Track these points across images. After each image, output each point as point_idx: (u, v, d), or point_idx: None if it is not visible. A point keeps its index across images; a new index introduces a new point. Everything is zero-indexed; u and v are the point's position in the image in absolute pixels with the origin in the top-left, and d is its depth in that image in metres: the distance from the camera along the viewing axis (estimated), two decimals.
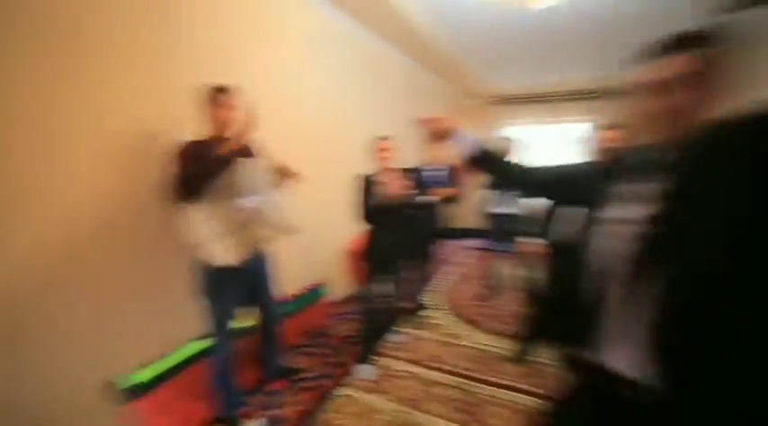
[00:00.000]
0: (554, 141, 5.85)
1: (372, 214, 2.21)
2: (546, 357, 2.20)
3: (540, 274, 2.13)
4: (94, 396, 1.56)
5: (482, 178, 3.15)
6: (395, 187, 2.17)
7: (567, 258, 0.91)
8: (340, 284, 3.33)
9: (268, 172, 1.73)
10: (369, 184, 2.22)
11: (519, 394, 1.97)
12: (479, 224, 3.50)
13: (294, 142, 2.57)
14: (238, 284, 1.74)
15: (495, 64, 4.76)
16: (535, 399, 1.92)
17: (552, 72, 5.12)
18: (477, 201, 3.45)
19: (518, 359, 2.29)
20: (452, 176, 3.16)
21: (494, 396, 1.98)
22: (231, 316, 1.77)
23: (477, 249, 4.73)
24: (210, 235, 1.57)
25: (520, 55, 4.29)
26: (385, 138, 2.26)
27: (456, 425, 1.77)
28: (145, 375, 1.68)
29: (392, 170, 2.25)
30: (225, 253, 1.59)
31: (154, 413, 1.65)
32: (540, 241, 2.04)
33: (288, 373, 2.18)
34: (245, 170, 1.61)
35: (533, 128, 6.04)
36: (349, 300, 3.37)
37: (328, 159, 3.06)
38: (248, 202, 1.62)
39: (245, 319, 1.93)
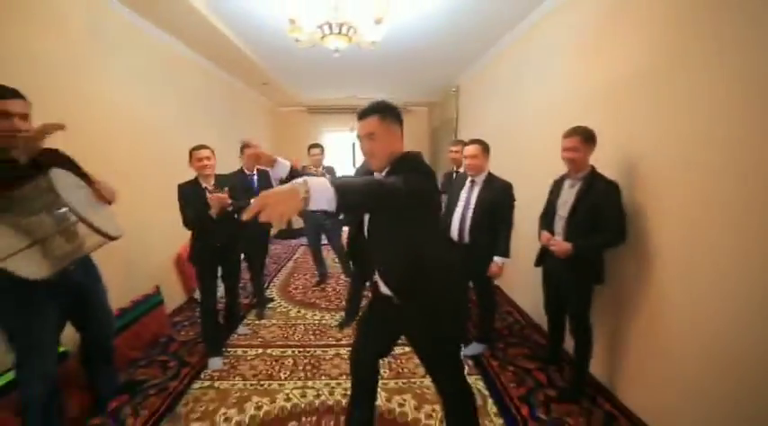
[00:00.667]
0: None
1: (194, 220, 2.28)
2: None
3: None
4: None
5: None
6: (215, 195, 2.24)
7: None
8: (175, 290, 3.22)
9: (79, 182, 1.60)
10: (188, 193, 2.30)
11: (347, 349, 2.54)
12: (302, 224, 4.01)
13: (121, 151, 2.42)
14: (58, 295, 1.59)
15: (306, 81, 5.39)
16: None
17: (353, 89, 6.14)
18: None
19: (342, 325, 2.91)
20: (267, 180, 3.09)
21: (330, 354, 2.51)
22: (49, 340, 1.58)
23: (304, 245, 5.33)
24: (15, 248, 1.42)
25: (327, 75, 5.02)
26: (202, 148, 2.33)
27: (304, 382, 2.20)
28: None
29: (211, 177, 2.37)
30: (37, 267, 1.42)
31: None
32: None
33: (129, 387, 2.11)
34: (54, 177, 1.44)
35: (345, 135, 7.00)
36: (186, 305, 3.31)
37: (156, 165, 2.94)
38: (60, 209, 1.46)
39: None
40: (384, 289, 1.38)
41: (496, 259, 2.28)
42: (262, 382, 2.20)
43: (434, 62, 4.34)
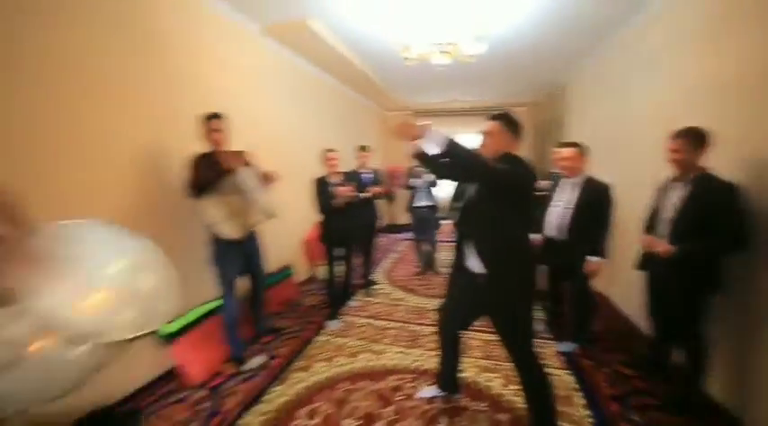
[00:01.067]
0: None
1: (326, 208, 2.93)
2: None
3: None
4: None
5: (405, 180, 4.14)
6: (342, 188, 2.90)
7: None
8: (301, 267, 3.99)
9: (256, 174, 2.28)
10: (321, 185, 2.95)
11: None
12: (408, 220, 4.44)
13: (267, 154, 3.19)
14: (239, 255, 2.32)
15: (412, 88, 5.84)
16: None
17: (459, 93, 6.36)
18: (404, 200, 4.39)
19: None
20: (380, 178, 3.80)
21: (427, 331, 2.86)
22: (234, 281, 2.33)
23: (409, 239, 5.79)
24: (219, 218, 2.15)
25: (431, 83, 5.37)
26: (332, 150, 3.03)
27: (404, 349, 2.60)
28: (174, 326, 2.20)
29: (338, 173, 3.01)
30: (230, 231, 2.17)
31: (186, 353, 2.19)
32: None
33: (275, 330, 2.82)
34: (242, 173, 2.15)
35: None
36: (309, 280, 4.05)
37: (285, 166, 3.72)
38: (245, 195, 2.20)
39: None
40: (471, 264, 1.68)
41: (591, 258, 2.32)
42: (369, 343, 2.68)
43: (537, 62, 4.32)
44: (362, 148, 3.70)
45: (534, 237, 2.80)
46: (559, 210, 2.48)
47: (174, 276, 1.08)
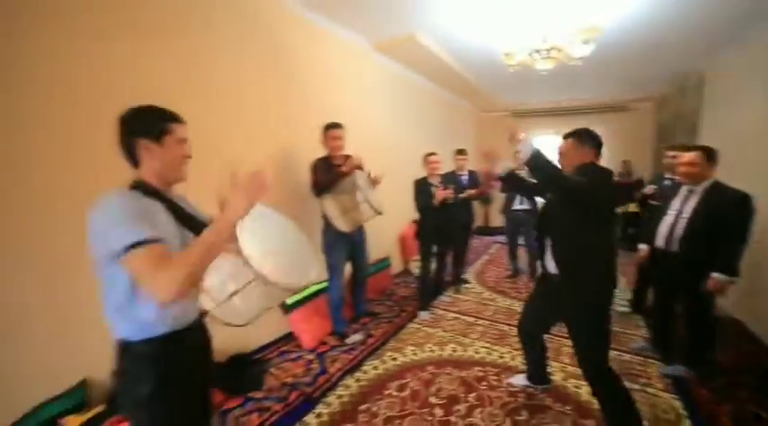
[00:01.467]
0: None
1: (424, 207, 3.15)
2: None
3: None
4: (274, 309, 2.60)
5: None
6: (442, 191, 3.09)
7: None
8: (397, 260, 4.31)
9: (367, 177, 2.64)
10: (422, 186, 3.19)
11: None
12: (502, 223, 4.39)
13: (369, 157, 3.56)
14: (347, 245, 2.71)
15: (511, 89, 5.67)
16: None
17: (561, 93, 5.97)
18: (500, 203, 4.35)
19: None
20: (476, 181, 3.88)
21: (515, 333, 2.86)
22: (342, 267, 2.74)
23: (501, 243, 5.68)
24: (335, 213, 2.54)
25: (533, 83, 5.15)
26: (434, 154, 3.22)
27: (490, 345, 2.68)
28: (292, 299, 2.70)
29: (438, 175, 3.21)
30: (343, 225, 2.56)
31: (301, 322, 2.67)
32: None
33: (371, 314, 3.17)
34: (356, 176, 2.52)
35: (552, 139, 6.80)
36: (403, 273, 4.35)
37: (389, 168, 4.05)
38: (357, 195, 2.56)
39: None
40: (549, 266, 1.73)
41: (716, 275, 2.07)
42: (457, 336, 2.83)
43: (666, 50, 3.82)
44: (460, 152, 3.82)
45: (640, 248, 2.60)
46: (671, 219, 2.27)
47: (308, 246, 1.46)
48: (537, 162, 1.52)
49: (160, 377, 0.98)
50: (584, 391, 2.12)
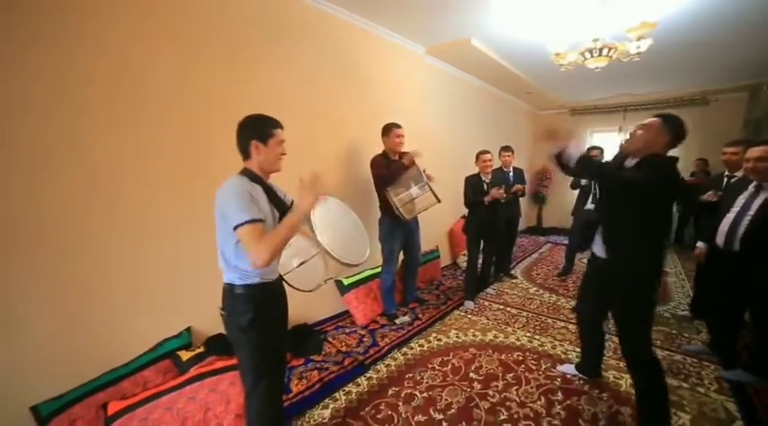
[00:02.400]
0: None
1: (472, 202, 3.31)
2: None
3: None
4: (331, 286, 2.96)
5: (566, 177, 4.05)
6: (496, 191, 3.21)
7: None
8: (445, 253, 4.49)
9: (422, 172, 2.85)
10: (472, 182, 3.34)
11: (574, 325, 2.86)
12: (562, 223, 4.34)
13: (424, 155, 3.79)
14: (402, 234, 2.97)
15: (568, 87, 5.52)
16: None
17: (622, 87, 5.60)
18: (569, 202, 4.30)
19: (574, 309, 3.18)
20: (520, 177, 3.94)
21: (559, 325, 2.93)
22: (396, 254, 3.00)
23: (551, 243, 5.58)
24: (399, 203, 2.80)
25: (593, 80, 4.94)
26: (487, 152, 3.33)
27: (532, 334, 2.77)
28: (349, 280, 3.03)
29: (489, 173, 3.33)
30: (406, 213, 2.79)
31: (355, 301, 2.99)
32: None
33: (419, 300, 3.40)
34: (413, 171, 2.76)
35: (611, 136, 6.44)
36: (451, 265, 4.51)
37: (443, 165, 4.24)
38: (417, 185, 2.80)
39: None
40: (596, 246, 1.84)
41: None
42: (500, 325, 2.96)
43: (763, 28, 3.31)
44: (505, 149, 3.89)
45: (698, 246, 2.53)
46: (733, 217, 2.19)
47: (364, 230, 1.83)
48: (585, 165, 1.64)
49: (255, 312, 1.35)
50: (624, 382, 2.16)
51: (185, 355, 2.00)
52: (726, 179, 2.81)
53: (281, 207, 1.48)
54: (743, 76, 4.93)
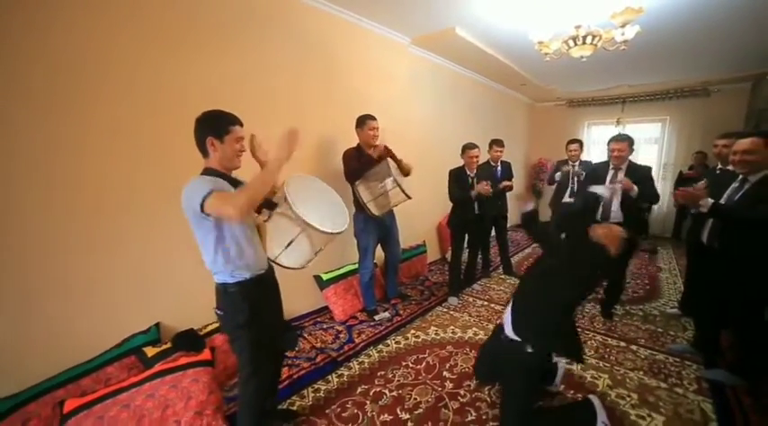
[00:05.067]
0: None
1: (457, 197, 3.20)
2: None
3: None
4: (310, 281, 2.92)
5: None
6: (482, 186, 3.10)
7: None
8: (433, 248, 4.43)
9: (396, 165, 2.76)
10: (455, 176, 3.23)
11: None
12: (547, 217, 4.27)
13: (407, 148, 3.71)
14: (377, 229, 2.90)
15: (564, 78, 5.36)
16: None
17: (620, 78, 5.44)
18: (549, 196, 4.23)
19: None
20: (508, 171, 3.81)
21: None
22: (372, 248, 2.93)
23: None
24: (366, 199, 2.74)
25: (589, 70, 4.82)
26: (474, 147, 3.20)
27: None
28: (328, 275, 2.98)
29: (475, 167, 3.23)
30: (373, 209, 2.74)
31: (334, 297, 2.95)
32: None
33: (402, 296, 3.36)
34: (382, 165, 2.67)
35: (609, 129, 6.31)
36: (440, 260, 4.45)
37: (429, 159, 4.16)
38: (387, 181, 2.73)
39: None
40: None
41: None
42: (482, 321, 2.91)
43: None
44: (498, 143, 3.79)
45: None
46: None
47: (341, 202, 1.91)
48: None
49: (252, 309, 1.41)
50: (601, 382, 2.11)
51: (151, 351, 1.97)
52: (718, 172, 2.71)
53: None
54: (745, 66, 4.75)
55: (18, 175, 1.63)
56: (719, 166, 2.75)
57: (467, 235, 3.38)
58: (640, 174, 2.73)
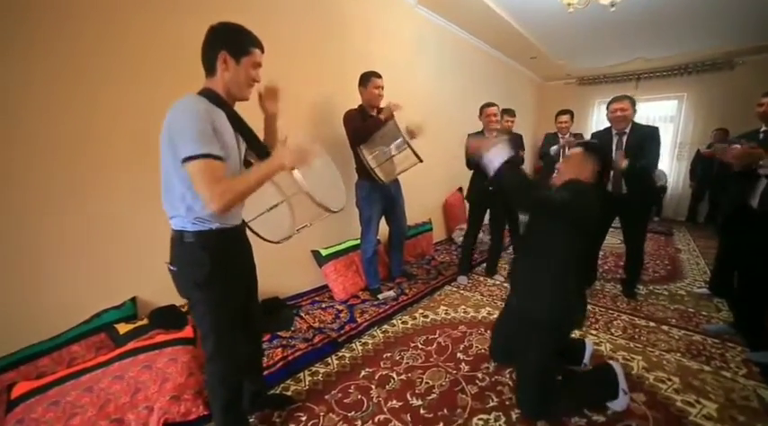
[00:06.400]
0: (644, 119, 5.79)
1: (473, 163, 2.84)
2: None
3: None
4: (309, 257, 2.66)
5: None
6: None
7: None
8: (439, 227, 4.16)
9: (399, 128, 2.42)
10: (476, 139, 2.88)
11: None
12: None
13: (405, 118, 3.42)
14: (382, 199, 2.62)
15: (577, 49, 5.01)
16: None
17: (636, 50, 5.08)
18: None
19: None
20: (520, 143, 3.38)
21: None
22: (376, 220, 2.65)
23: None
24: (374, 163, 2.45)
25: (603, 39, 4.50)
26: (493, 105, 2.85)
27: None
28: (327, 250, 2.72)
29: (496, 130, 2.89)
30: (382, 174, 2.45)
31: (334, 274, 2.69)
32: None
33: (407, 275, 3.09)
34: (390, 126, 2.37)
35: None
36: (444, 241, 4.19)
37: (429, 130, 3.83)
38: (396, 143, 2.44)
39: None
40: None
41: None
42: (495, 300, 2.66)
43: None
44: (508, 112, 3.47)
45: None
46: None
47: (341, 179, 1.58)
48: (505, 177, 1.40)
49: (213, 263, 1.10)
50: (635, 364, 1.87)
51: (124, 328, 1.71)
52: (762, 135, 2.41)
53: (253, 143, 1.23)
54: None
55: None
56: (764, 128, 2.45)
57: (487, 210, 3.01)
58: (645, 134, 2.50)
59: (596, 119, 6.36)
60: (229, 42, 1.08)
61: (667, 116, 5.84)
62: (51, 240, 1.60)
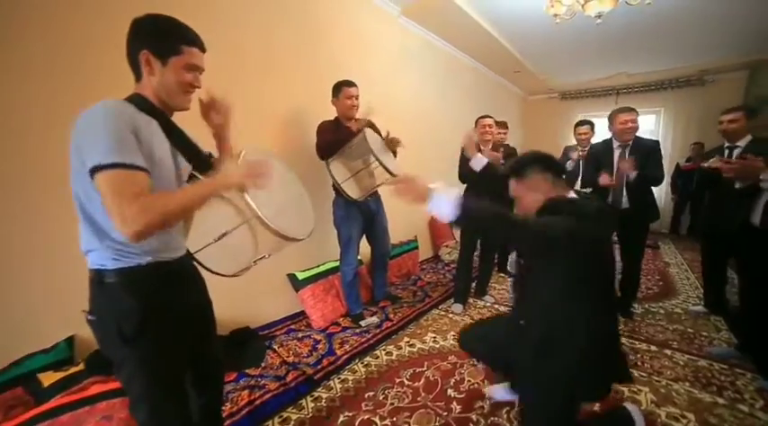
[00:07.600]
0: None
1: (466, 177, 2.65)
2: None
3: None
4: (284, 281, 2.41)
5: None
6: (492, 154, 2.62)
7: None
8: (426, 245, 3.98)
9: (381, 140, 2.29)
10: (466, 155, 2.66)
11: None
12: None
13: (396, 129, 3.26)
14: (361, 216, 2.41)
15: (561, 62, 5.05)
16: None
17: (618, 65, 5.18)
18: None
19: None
20: (514, 156, 3.30)
21: None
22: (355, 240, 2.43)
23: None
24: (343, 177, 2.26)
25: (586, 53, 4.53)
26: (488, 117, 2.72)
27: None
28: (304, 274, 2.48)
29: (490, 142, 2.73)
30: (352, 191, 2.26)
31: (311, 300, 2.44)
32: None
33: (392, 298, 2.87)
34: (366, 136, 2.12)
35: (603, 121, 6.10)
36: (431, 259, 4.00)
37: (412, 143, 3.70)
38: (369, 158, 2.25)
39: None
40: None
41: None
42: None
43: None
44: (500, 124, 3.33)
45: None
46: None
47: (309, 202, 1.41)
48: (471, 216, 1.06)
49: (144, 310, 0.85)
50: (643, 398, 1.69)
51: (50, 378, 1.42)
52: (726, 151, 2.33)
53: (193, 156, 1.01)
54: (743, 51, 4.57)
55: None
56: (727, 144, 2.36)
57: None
58: (649, 148, 2.42)
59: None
60: (153, 39, 0.86)
61: (646, 130, 5.92)
62: None
